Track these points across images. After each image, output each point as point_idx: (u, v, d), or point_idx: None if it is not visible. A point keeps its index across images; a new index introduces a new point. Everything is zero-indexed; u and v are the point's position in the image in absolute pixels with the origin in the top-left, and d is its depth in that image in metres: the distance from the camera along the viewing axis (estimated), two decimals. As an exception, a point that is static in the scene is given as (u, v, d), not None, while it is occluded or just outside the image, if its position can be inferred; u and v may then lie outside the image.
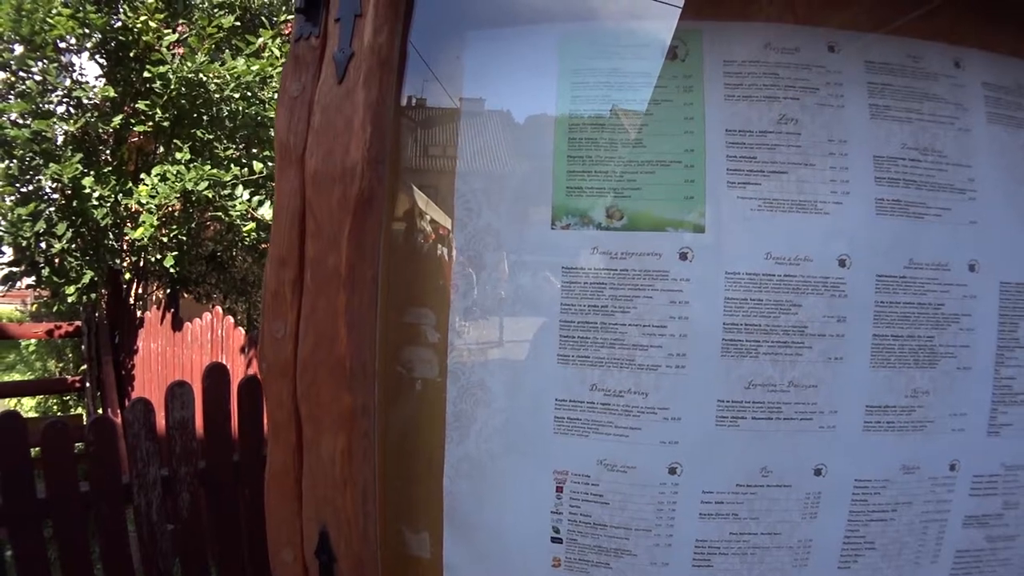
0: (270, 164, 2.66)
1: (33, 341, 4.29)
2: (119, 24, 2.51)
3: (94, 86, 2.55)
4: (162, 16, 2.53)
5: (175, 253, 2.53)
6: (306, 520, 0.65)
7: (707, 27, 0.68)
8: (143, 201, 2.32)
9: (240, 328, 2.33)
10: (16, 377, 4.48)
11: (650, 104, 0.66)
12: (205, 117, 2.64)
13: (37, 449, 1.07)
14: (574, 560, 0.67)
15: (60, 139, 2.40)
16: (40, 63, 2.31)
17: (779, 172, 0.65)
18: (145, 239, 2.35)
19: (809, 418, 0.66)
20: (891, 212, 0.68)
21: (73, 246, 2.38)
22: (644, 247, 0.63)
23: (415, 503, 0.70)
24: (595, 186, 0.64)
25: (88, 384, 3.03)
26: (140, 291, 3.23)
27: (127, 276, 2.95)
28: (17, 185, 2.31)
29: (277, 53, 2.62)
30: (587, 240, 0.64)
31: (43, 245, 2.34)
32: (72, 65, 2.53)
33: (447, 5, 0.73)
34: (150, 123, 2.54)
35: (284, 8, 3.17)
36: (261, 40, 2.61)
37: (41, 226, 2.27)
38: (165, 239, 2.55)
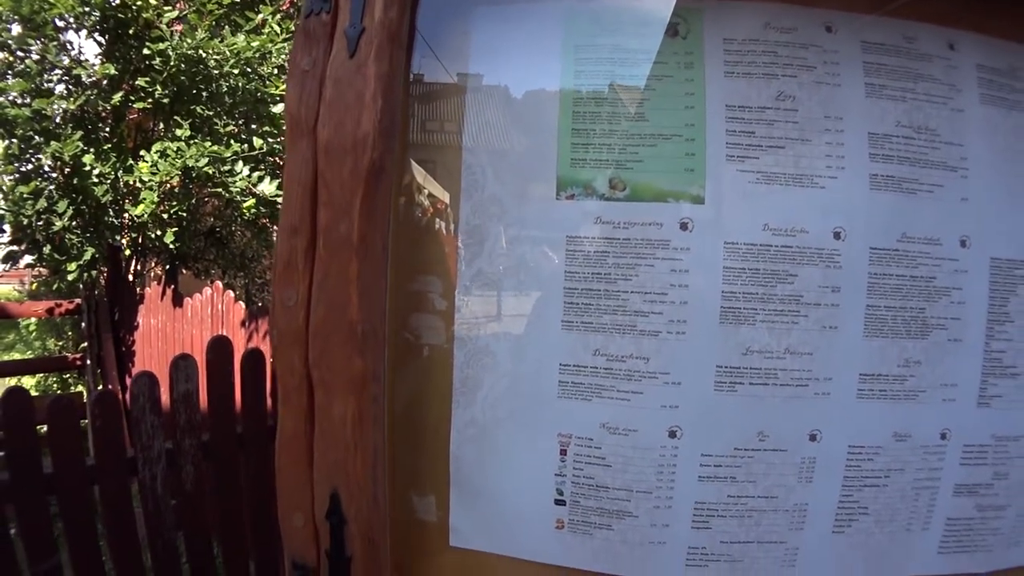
0: (270, 140, 2.67)
1: (33, 320, 4.29)
2: (118, 2, 2.49)
3: (93, 64, 2.55)
4: None
5: (175, 229, 2.54)
6: (317, 484, 0.67)
7: (708, 6, 0.70)
8: (144, 178, 2.33)
9: (240, 303, 2.34)
10: (16, 356, 4.48)
11: (651, 80, 0.68)
12: (205, 93, 2.64)
13: (41, 427, 1.09)
14: (577, 522, 0.69)
15: (59, 117, 2.40)
16: (39, 42, 2.31)
17: (777, 147, 0.67)
18: (146, 215, 2.36)
19: (805, 384, 0.68)
20: (885, 187, 0.70)
21: (74, 223, 2.39)
22: (646, 217, 0.65)
23: (422, 467, 0.72)
24: (598, 158, 0.66)
25: (89, 362, 3.04)
26: (139, 268, 3.23)
27: (127, 253, 2.96)
28: (17, 164, 2.32)
29: (277, 29, 2.62)
30: (591, 210, 0.66)
31: (44, 223, 2.35)
32: (71, 43, 2.53)
33: (455, -17, 0.74)
34: (150, 100, 2.55)
35: None
36: (261, 16, 2.61)
37: (42, 204, 2.28)
38: (165, 215, 2.56)
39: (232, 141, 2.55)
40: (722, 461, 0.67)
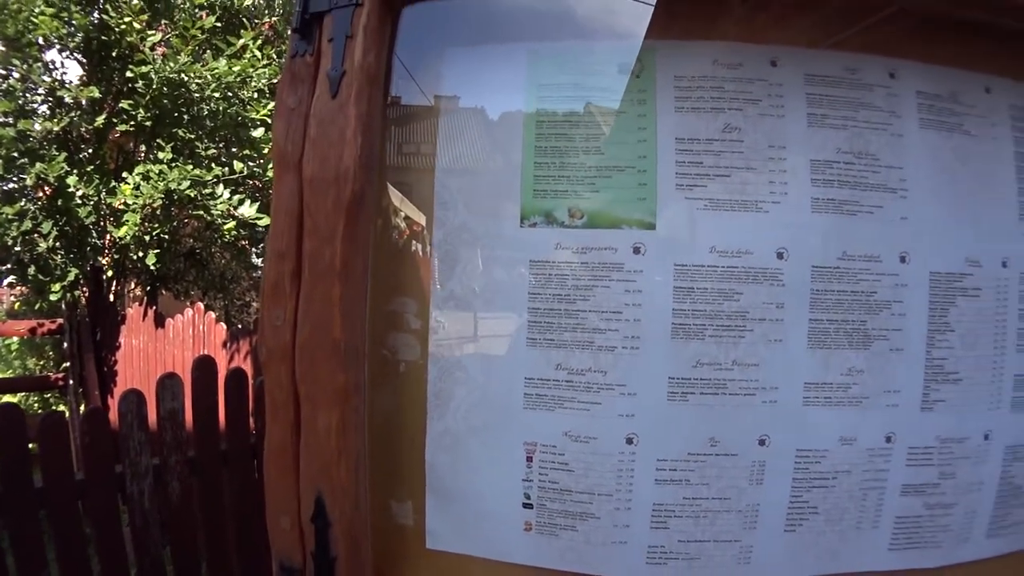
0: (250, 164, 2.71)
1: (15, 339, 4.31)
2: (101, 24, 2.53)
3: (77, 85, 2.58)
4: (144, 17, 2.57)
5: (157, 251, 2.58)
6: (303, 490, 0.73)
7: (660, 46, 0.76)
8: (128, 201, 2.38)
9: (221, 324, 2.39)
10: None
11: (607, 115, 0.74)
12: (186, 117, 2.69)
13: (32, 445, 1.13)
14: (544, 523, 0.74)
15: (42, 138, 2.44)
16: (24, 63, 2.36)
17: (723, 175, 0.73)
18: (128, 237, 2.40)
19: (752, 393, 0.73)
20: (825, 210, 0.76)
21: (58, 244, 2.43)
22: (602, 242, 0.71)
23: (399, 475, 0.78)
24: (558, 188, 0.72)
25: (71, 381, 3.08)
26: (119, 288, 3.28)
27: (108, 274, 3.00)
28: (1, 184, 2.36)
29: (258, 54, 2.67)
30: (552, 237, 0.72)
31: (28, 243, 2.38)
32: (53, 63, 2.58)
33: (429, 27, 0.81)
34: (132, 123, 2.59)
35: (267, 11, 3.22)
36: (242, 41, 2.66)
37: (27, 225, 2.32)
38: (147, 237, 2.60)
39: (213, 164, 2.59)
40: (677, 465, 0.73)
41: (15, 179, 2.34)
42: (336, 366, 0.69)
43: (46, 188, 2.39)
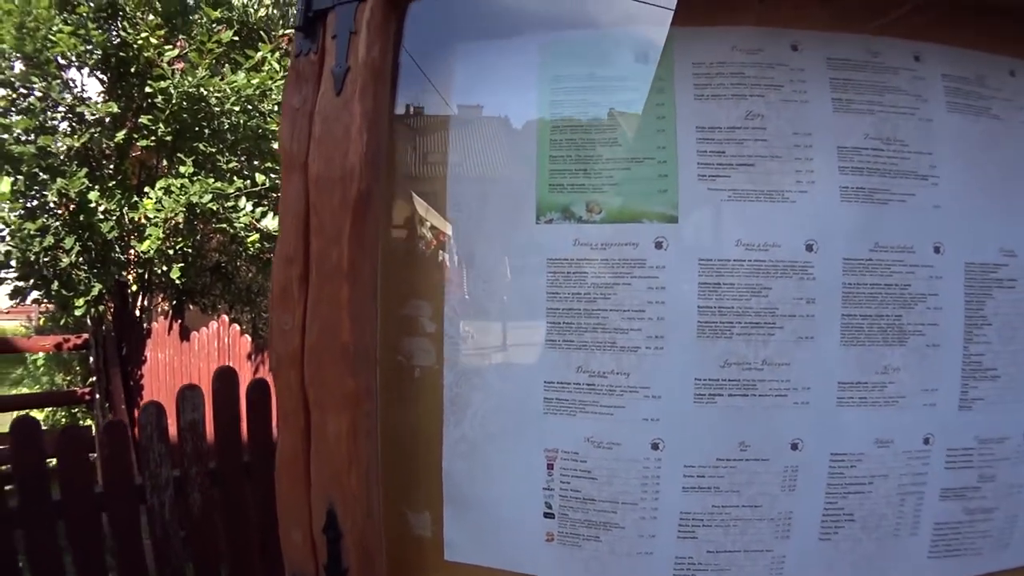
0: (272, 176, 2.73)
1: (41, 356, 4.34)
2: (119, 40, 2.56)
3: (97, 102, 2.62)
4: (162, 32, 2.60)
5: (181, 265, 2.59)
6: (314, 500, 0.70)
7: (678, 32, 0.73)
8: (150, 215, 2.39)
9: (246, 336, 2.39)
10: (24, 391, 4.53)
11: (625, 106, 0.71)
12: (207, 131, 2.71)
13: (52, 461, 1.12)
14: (566, 534, 0.71)
15: (63, 155, 2.47)
16: (43, 80, 2.39)
17: (747, 165, 0.70)
18: (151, 251, 2.41)
19: (784, 394, 0.70)
20: (855, 199, 0.72)
21: (80, 260, 2.45)
22: (622, 238, 0.68)
23: (415, 484, 0.75)
24: (575, 183, 0.69)
25: (97, 396, 3.09)
26: (146, 303, 3.30)
27: (133, 288, 3.02)
28: (23, 201, 2.38)
29: (276, 67, 2.69)
30: (569, 233, 0.69)
31: (51, 259, 2.41)
32: (73, 81, 2.61)
33: (437, 21, 0.78)
34: (153, 138, 2.61)
35: (282, 23, 3.25)
36: (260, 54, 2.68)
37: (49, 241, 2.34)
38: (171, 251, 2.62)
39: (235, 177, 2.61)
40: (705, 472, 0.69)
41: (37, 195, 2.36)
42: (345, 370, 0.66)
43: (68, 204, 2.40)
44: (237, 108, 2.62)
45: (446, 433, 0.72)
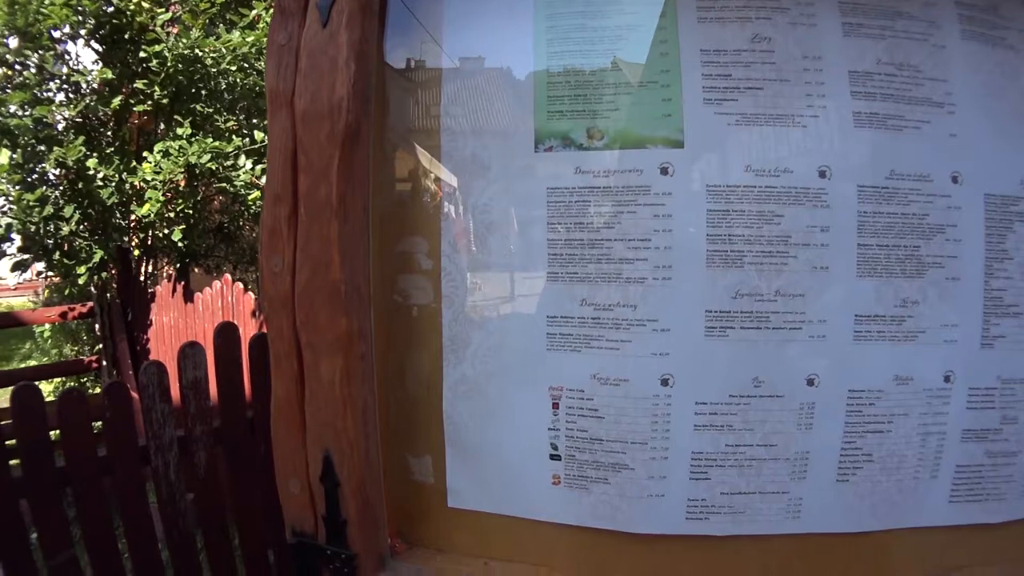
0: None
1: (47, 327, 4.29)
2: (112, 8, 2.53)
3: (91, 70, 2.59)
4: None
5: (182, 227, 2.56)
6: (310, 447, 0.67)
7: (679, -45, 0.70)
8: (148, 178, 2.36)
9: (250, 293, 2.35)
10: (33, 364, 4.50)
11: (624, 30, 0.67)
12: (203, 92, 2.67)
13: (56, 432, 1.10)
14: (573, 476, 0.68)
15: (61, 125, 2.45)
16: (37, 53, 2.36)
17: (755, 88, 0.67)
18: (152, 215, 2.38)
19: (798, 327, 0.67)
20: (869, 124, 0.69)
21: (81, 228, 2.42)
22: (625, 164, 0.65)
23: (416, 428, 0.72)
24: (575, 109, 0.66)
25: (104, 363, 3.06)
26: (150, 269, 3.27)
27: (136, 253, 3.00)
28: (22, 174, 2.35)
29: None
30: (570, 160, 0.66)
31: (51, 229, 2.38)
32: (68, 53, 2.58)
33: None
34: (149, 102, 2.57)
35: None
36: (255, 12, 2.64)
37: (48, 210, 2.31)
38: (172, 214, 2.58)
39: (234, 136, 2.57)
40: (717, 409, 0.66)
41: (35, 167, 2.33)
42: (337, 310, 0.63)
43: (67, 173, 2.37)
44: (233, 67, 2.58)
45: (446, 374, 0.69)
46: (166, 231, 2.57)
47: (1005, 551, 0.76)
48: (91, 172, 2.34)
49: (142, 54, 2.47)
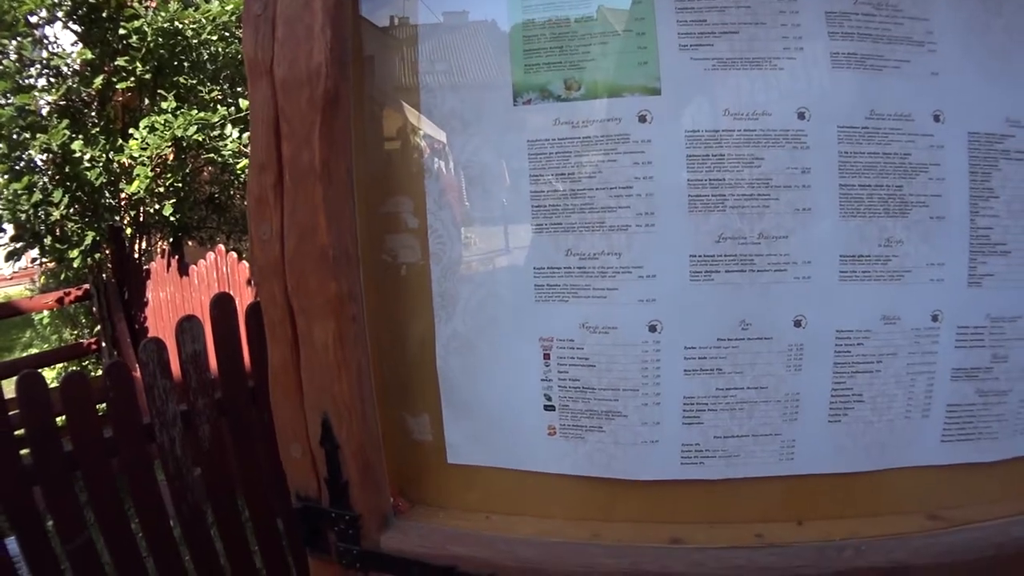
0: None
1: (46, 314, 4.26)
2: None
3: (71, 52, 2.56)
4: None
5: (173, 201, 2.56)
6: (308, 411, 0.68)
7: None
8: (135, 155, 2.37)
9: (245, 262, 2.36)
10: (34, 352, 4.48)
11: (598, -22, 0.67)
12: (186, 64, 2.65)
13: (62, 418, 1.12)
14: (568, 426, 0.69)
15: (45, 110, 2.44)
16: (15, 41, 2.36)
17: (730, 32, 0.67)
18: (141, 191, 2.38)
19: (783, 269, 0.67)
20: (847, 65, 0.69)
21: (71, 211, 2.43)
22: (603, 114, 0.65)
23: (412, 386, 0.73)
24: (552, 61, 0.66)
25: (104, 344, 3.08)
26: (144, 246, 3.27)
27: (128, 232, 3.00)
28: (8, 163, 2.35)
29: None
30: (549, 112, 0.66)
31: (41, 215, 2.38)
32: (46, 37, 2.57)
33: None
34: (132, 79, 2.55)
35: None
36: None
37: (37, 197, 2.32)
38: (161, 189, 2.58)
39: (219, 106, 2.55)
40: (706, 353, 0.67)
41: (22, 155, 2.33)
42: (326, 274, 0.64)
43: (53, 158, 2.37)
44: (215, 37, 2.57)
45: (438, 331, 0.70)
46: (157, 206, 2.57)
47: (999, 490, 0.76)
48: (77, 155, 2.33)
49: (121, 31, 2.46)
